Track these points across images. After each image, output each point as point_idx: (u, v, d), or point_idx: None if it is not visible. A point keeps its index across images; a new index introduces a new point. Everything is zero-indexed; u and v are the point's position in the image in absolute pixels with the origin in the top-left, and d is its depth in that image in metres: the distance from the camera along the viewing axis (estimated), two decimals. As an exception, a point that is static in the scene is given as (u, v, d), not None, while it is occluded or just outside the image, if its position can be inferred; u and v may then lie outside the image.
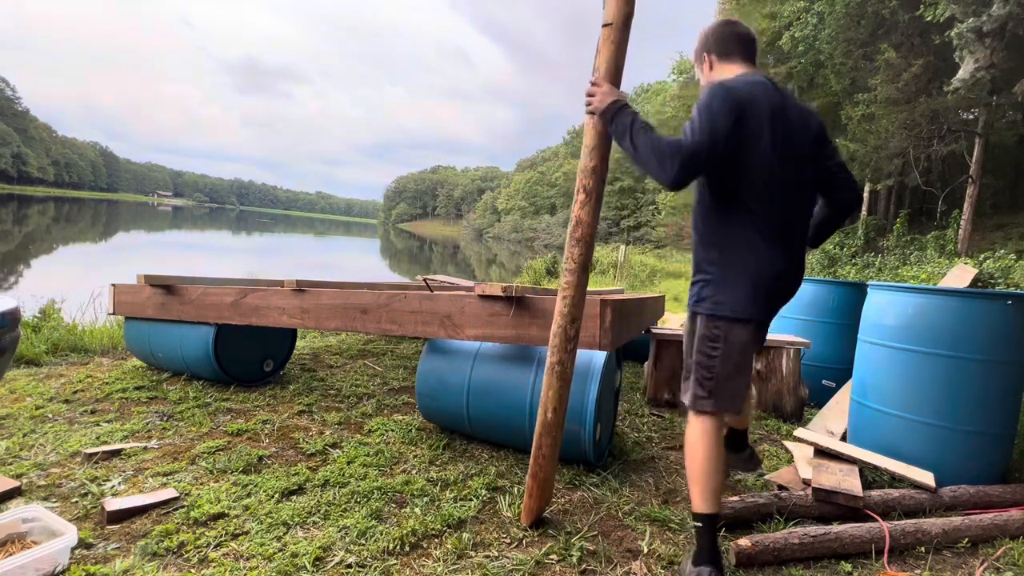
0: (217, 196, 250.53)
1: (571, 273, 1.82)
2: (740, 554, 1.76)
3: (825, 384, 3.69)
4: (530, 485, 1.90)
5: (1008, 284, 8.69)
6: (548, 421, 1.86)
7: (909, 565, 1.86)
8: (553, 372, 1.85)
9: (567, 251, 1.84)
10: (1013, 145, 18.03)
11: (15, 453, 2.26)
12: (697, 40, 1.86)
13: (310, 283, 3.17)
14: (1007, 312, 2.28)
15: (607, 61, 1.75)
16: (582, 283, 1.83)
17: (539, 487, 1.89)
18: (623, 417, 3.21)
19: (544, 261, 16.12)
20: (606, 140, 1.79)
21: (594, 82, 1.74)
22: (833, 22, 16.51)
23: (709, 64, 1.80)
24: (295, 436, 2.60)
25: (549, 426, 1.86)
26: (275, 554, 1.66)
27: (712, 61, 1.80)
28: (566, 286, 1.83)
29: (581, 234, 1.80)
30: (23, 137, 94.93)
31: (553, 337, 1.85)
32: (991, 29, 11.94)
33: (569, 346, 1.83)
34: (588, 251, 1.82)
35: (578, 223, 1.81)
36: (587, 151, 1.81)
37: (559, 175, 66.49)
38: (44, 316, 4.53)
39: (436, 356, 2.65)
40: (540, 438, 1.87)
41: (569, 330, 1.82)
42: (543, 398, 1.87)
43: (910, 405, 2.43)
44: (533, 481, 1.89)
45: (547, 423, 1.86)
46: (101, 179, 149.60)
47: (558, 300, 1.85)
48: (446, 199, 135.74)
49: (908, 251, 14.14)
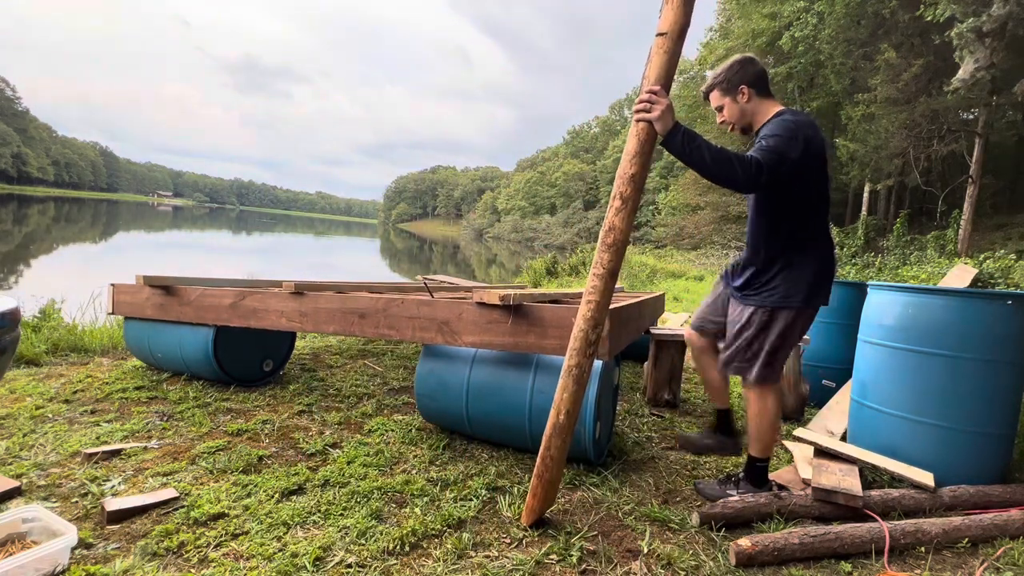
0: (217, 196, 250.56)
1: (599, 278, 1.81)
2: (740, 554, 1.76)
3: (825, 384, 3.68)
4: (535, 485, 1.90)
5: (1008, 284, 8.70)
6: (560, 423, 1.85)
7: (909, 565, 1.86)
8: (570, 375, 1.84)
9: (597, 255, 1.83)
10: (1013, 145, 18.05)
11: (15, 453, 2.27)
12: (729, 69, 2.11)
13: (308, 285, 3.17)
14: (1007, 312, 2.28)
15: (658, 70, 1.76)
16: (609, 289, 1.83)
17: (544, 488, 1.89)
18: (623, 417, 3.21)
19: (544, 261, 16.09)
20: (649, 148, 1.80)
21: (655, 91, 1.76)
22: (833, 22, 16.52)
23: (747, 96, 2.08)
24: (295, 436, 2.60)
25: (560, 428, 1.86)
26: (275, 554, 1.66)
27: (750, 94, 2.08)
28: (592, 291, 1.82)
29: (613, 240, 1.80)
30: (23, 137, 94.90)
31: (574, 340, 1.84)
32: (991, 29, 11.94)
33: (589, 351, 1.83)
34: (618, 258, 1.82)
35: (611, 229, 1.80)
36: (628, 158, 1.80)
37: (559, 175, 66.48)
38: (44, 316, 4.53)
39: (435, 358, 2.65)
40: (550, 439, 1.87)
41: (591, 335, 1.82)
42: (557, 399, 1.86)
43: (910, 405, 2.43)
44: (538, 481, 1.89)
45: (559, 425, 1.85)
46: (101, 179, 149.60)
47: (583, 304, 1.83)
48: (446, 199, 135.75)
49: (908, 251, 14.14)
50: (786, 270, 2.04)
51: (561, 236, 51.09)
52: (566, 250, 29.18)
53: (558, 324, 2.25)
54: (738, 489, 2.10)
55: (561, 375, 1.86)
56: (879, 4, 15.49)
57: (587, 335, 1.82)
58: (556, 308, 2.27)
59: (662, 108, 1.74)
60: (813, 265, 2.04)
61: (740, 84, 2.08)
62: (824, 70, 18.14)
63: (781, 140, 1.88)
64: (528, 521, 1.91)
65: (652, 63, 1.78)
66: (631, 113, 1.85)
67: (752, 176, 1.81)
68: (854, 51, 16.57)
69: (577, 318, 1.85)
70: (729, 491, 2.11)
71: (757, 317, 2.09)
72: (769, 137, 1.90)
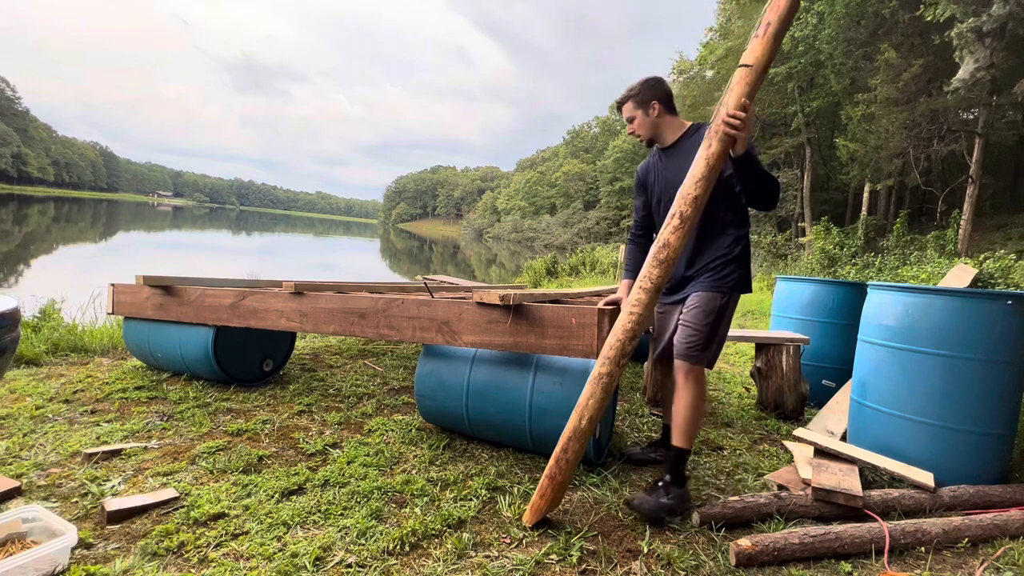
0: (217, 196, 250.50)
1: (646, 292, 1.86)
2: (740, 554, 1.76)
3: (825, 384, 3.69)
4: (544, 486, 1.90)
5: (1008, 284, 8.69)
6: (582, 428, 1.86)
7: (909, 565, 1.86)
8: (599, 382, 1.85)
9: (646, 270, 1.88)
10: (1013, 145, 18.05)
11: (15, 453, 2.27)
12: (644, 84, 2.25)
13: (308, 285, 3.17)
14: (1007, 312, 2.28)
15: (736, 98, 1.84)
16: (653, 303, 1.88)
17: (554, 490, 1.90)
18: (623, 417, 3.21)
19: (544, 261, 16.07)
20: (716, 174, 1.87)
21: (743, 112, 1.83)
22: (833, 22, 16.53)
23: (657, 111, 2.23)
24: (295, 436, 2.60)
25: (581, 433, 1.87)
26: (275, 554, 1.66)
27: (661, 110, 2.23)
28: (636, 303, 1.85)
29: (666, 256, 1.85)
30: (23, 137, 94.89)
31: (609, 349, 1.86)
32: (991, 29, 11.94)
33: (623, 361, 1.86)
34: (667, 274, 1.88)
35: (665, 245, 1.86)
36: (694, 180, 1.85)
37: (559, 175, 66.44)
38: (44, 316, 4.53)
39: (434, 358, 2.65)
40: (568, 442, 1.87)
41: (627, 346, 1.85)
42: (581, 405, 1.87)
43: (910, 405, 2.43)
44: (549, 483, 1.89)
45: (580, 429, 1.86)
46: (101, 179, 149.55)
47: (624, 315, 1.87)
48: (446, 199, 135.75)
49: (908, 251, 14.13)
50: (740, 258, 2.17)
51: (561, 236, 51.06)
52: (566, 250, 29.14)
53: (558, 324, 2.25)
54: (667, 495, 2.01)
55: (589, 381, 1.88)
56: (879, 4, 15.49)
57: (623, 346, 1.85)
58: (556, 308, 2.27)
59: (747, 129, 1.86)
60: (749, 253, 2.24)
61: (652, 99, 2.22)
62: (824, 70, 18.13)
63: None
64: (531, 521, 1.91)
65: (733, 91, 1.85)
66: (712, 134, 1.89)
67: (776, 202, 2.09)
68: (854, 51, 16.56)
69: (615, 328, 1.88)
70: (662, 499, 2.00)
71: (717, 302, 2.13)
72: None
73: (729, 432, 3.09)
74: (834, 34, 16.59)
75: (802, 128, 19.69)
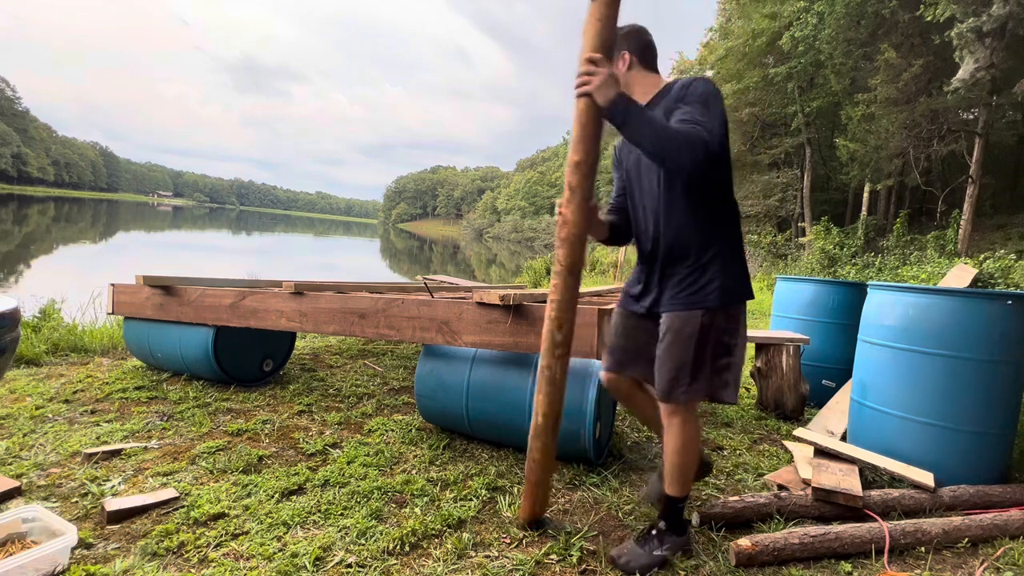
0: (217, 196, 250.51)
1: (558, 276, 1.72)
2: (740, 554, 1.76)
3: (825, 384, 3.68)
4: (524, 487, 1.90)
5: (1008, 284, 8.69)
6: (538, 425, 1.82)
7: (909, 565, 1.86)
8: (543, 376, 1.80)
9: (555, 251, 1.75)
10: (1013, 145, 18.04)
11: (15, 453, 2.27)
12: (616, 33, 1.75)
13: (308, 285, 3.17)
14: (1007, 312, 2.28)
15: (593, 39, 1.59)
16: (570, 286, 1.72)
17: (531, 489, 1.88)
18: (623, 417, 3.21)
19: (544, 261, 16.08)
20: (592, 131, 1.63)
21: (593, 59, 1.56)
22: (833, 22, 16.51)
23: (628, 63, 1.76)
24: (295, 436, 2.60)
25: (539, 430, 1.82)
26: (275, 554, 1.66)
27: (632, 62, 1.77)
28: (552, 290, 1.74)
29: (567, 234, 1.69)
30: (23, 137, 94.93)
31: (543, 342, 1.79)
32: (991, 29, 11.93)
33: (557, 351, 1.76)
34: (576, 252, 1.70)
35: (564, 222, 1.70)
36: (572, 144, 1.68)
37: (559, 175, 66.46)
38: (44, 316, 4.53)
39: (434, 358, 2.65)
40: (531, 440, 1.85)
41: (556, 335, 1.74)
42: (535, 402, 1.83)
43: (910, 405, 2.43)
44: (526, 483, 1.89)
45: (537, 427, 1.82)
46: (101, 179, 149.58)
47: (547, 304, 1.77)
48: (446, 199, 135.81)
49: (908, 251, 14.13)
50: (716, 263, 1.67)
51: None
52: (566, 250, 29.01)
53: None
54: (662, 546, 1.72)
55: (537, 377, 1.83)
56: (879, 4, 15.48)
57: (552, 335, 1.75)
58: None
59: (603, 77, 1.53)
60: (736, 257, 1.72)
61: (623, 50, 1.77)
62: (824, 70, 18.11)
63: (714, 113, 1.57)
64: (522, 520, 1.91)
65: (586, 34, 1.60)
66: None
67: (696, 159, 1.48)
68: (854, 51, 16.55)
69: (545, 318, 1.78)
70: (656, 551, 1.71)
71: (695, 321, 1.65)
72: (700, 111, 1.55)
73: (729, 432, 3.09)
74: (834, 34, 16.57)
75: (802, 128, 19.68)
